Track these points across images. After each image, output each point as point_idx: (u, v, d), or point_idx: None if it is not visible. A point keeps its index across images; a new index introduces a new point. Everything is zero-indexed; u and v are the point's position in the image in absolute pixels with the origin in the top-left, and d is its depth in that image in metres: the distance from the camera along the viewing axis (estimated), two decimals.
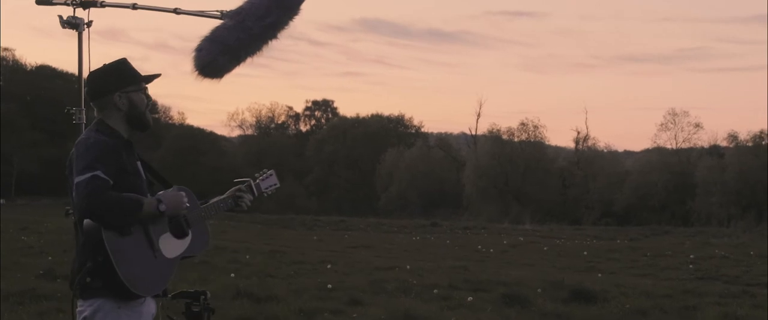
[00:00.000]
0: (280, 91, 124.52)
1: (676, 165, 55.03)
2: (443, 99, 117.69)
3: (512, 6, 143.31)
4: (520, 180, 57.61)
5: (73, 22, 5.01)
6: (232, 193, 4.37)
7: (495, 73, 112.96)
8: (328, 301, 10.24)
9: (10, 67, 56.09)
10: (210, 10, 4.08)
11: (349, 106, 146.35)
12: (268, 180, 4.60)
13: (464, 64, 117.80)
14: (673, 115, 58.02)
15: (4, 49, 58.20)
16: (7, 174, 46.73)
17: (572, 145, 61.76)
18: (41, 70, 59.46)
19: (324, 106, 78.50)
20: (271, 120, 75.40)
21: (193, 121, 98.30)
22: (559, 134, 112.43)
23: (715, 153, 55.00)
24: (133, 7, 4.35)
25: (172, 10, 4.28)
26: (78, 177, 3.58)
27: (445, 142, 68.43)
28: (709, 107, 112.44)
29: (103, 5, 4.35)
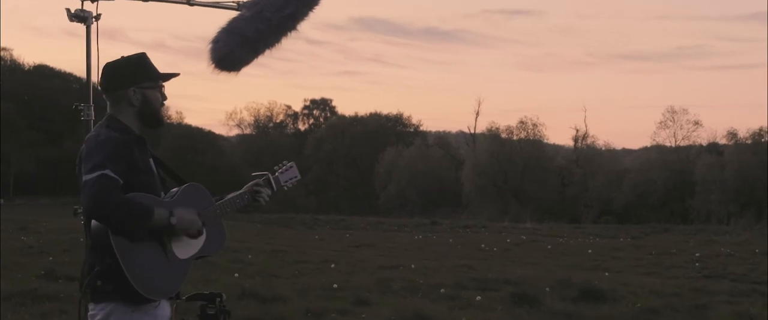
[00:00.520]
0: (278, 90, 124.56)
1: (676, 163, 54.98)
2: (441, 98, 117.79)
3: (510, 4, 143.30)
4: (519, 178, 57.52)
5: (81, 15, 4.85)
6: (249, 188, 4.15)
7: (493, 71, 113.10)
8: (334, 301, 10.10)
9: (8, 67, 55.91)
10: (226, 1, 3.92)
11: (347, 105, 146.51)
12: (288, 173, 4.32)
13: (462, 62, 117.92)
14: (672, 112, 58.07)
15: (3, 48, 58.10)
16: (5, 174, 46.53)
17: (571, 143, 61.78)
18: (39, 69, 59.32)
19: (322, 104, 78.45)
20: (270, 119, 75.42)
21: (191, 120, 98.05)
22: (558, 132, 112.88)
23: (714, 150, 54.92)
24: None
25: (185, 2, 4.13)
26: (86, 176, 3.42)
27: (443, 140, 68.33)
28: (708, 105, 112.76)
29: None
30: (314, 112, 78.30)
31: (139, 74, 3.76)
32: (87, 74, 4.94)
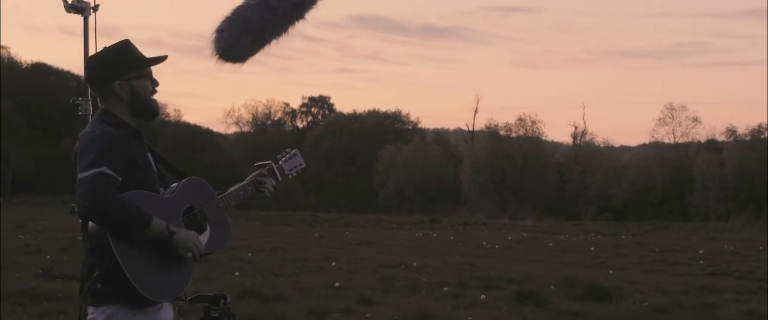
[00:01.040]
0: (276, 87, 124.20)
1: (675, 160, 54.86)
2: (439, 95, 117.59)
3: (507, 1, 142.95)
4: (518, 175, 57.33)
5: (79, 6, 4.70)
6: (252, 179, 3.98)
7: (491, 68, 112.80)
8: (337, 300, 9.96)
9: (6, 65, 55.63)
10: None
11: (345, 103, 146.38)
12: (292, 161, 4.16)
13: (460, 59, 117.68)
14: (671, 109, 57.96)
15: (0, 46, 57.84)
16: (3, 172, 46.32)
17: (570, 140, 61.60)
18: (37, 67, 59.07)
19: (320, 102, 78.20)
20: (268, 116, 75.10)
21: (189, 118, 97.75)
22: (556, 129, 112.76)
23: (713, 147, 54.82)
24: None
25: None
26: (81, 174, 3.24)
27: (442, 137, 68.14)
28: (707, 102, 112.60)
29: None
30: (312, 109, 78.03)
31: (122, 65, 3.56)
32: (85, 61, 4.77)
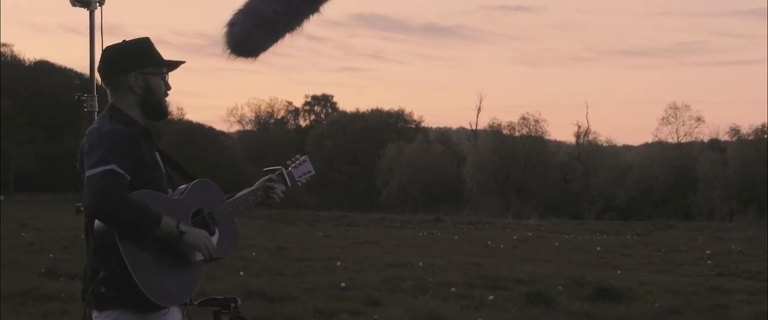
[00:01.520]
0: (278, 86, 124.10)
1: (678, 159, 54.82)
2: (441, 94, 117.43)
3: (508, 0, 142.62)
4: (521, 174, 57.27)
5: (84, 0, 4.58)
6: (262, 184, 3.87)
7: (493, 67, 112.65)
8: (344, 301, 9.83)
9: (8, 63, 55.56)
10: None
11: (348, 101, 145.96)
12: (302, 168, 4.08)
13: (462, 58, 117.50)
14: (674, 108, 57.92)
15: (3, 44, 57.78)
16: (5, 170, 46.28)
17: (572, 139, 61.51)
18: (39, 65, 59.01)
19: (323, 101, 78.13)
20: (271, 115, 75.01)
21: (191, 116, 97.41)
22: (559, 128, 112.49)
23: (716, 147, 54.71)
24: None
25: None
26: (89, 172, 3.11)
27: (445, 136, 68.07)
28: (709, 101, 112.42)
29: None
30: (315, 108, 77.94)
31: (141, 59, 3.44)
32: (90, 63, 4.65)
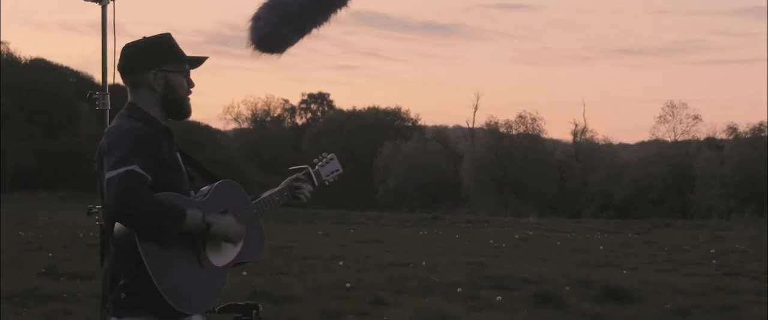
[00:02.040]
0: (275, 84, 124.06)
1: (675, 158, 54.79)
2: (439, 92, 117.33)
3: None
4: (518, 173, 57.21)
5: None
6: (288, 184, 3.72)
7: (490, 65, 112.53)
8: (349, 301, 9.71)
9: (5, 60, 55.31)
10: None
11: (345, 99, 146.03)
12: (329, 166, 3.92)
13: (459, 56, 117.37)
14: (671, 107, 57.88)
15: (0, 42, 57.51)
16: (3, 167, 46.15)
17: (569, 137, 61.46)
18: (36, 63, 58.78)
19: (320, 99, 78.02)
20: (267, 113, 74.93)
21: None
22: (557, 127, 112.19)
23: (714, 145, 54.68)
24: None
25: None
26: (110, 173, 2.95)
27: (442, 135, 67.98)
28: (707, 100, 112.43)
29: None
30: (312, 106, 77.85)
31: (161, 55, 3.29)
32: (103, 58, 4.51)
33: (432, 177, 59.71)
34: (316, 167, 3.87)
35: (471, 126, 62.94)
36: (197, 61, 3.41)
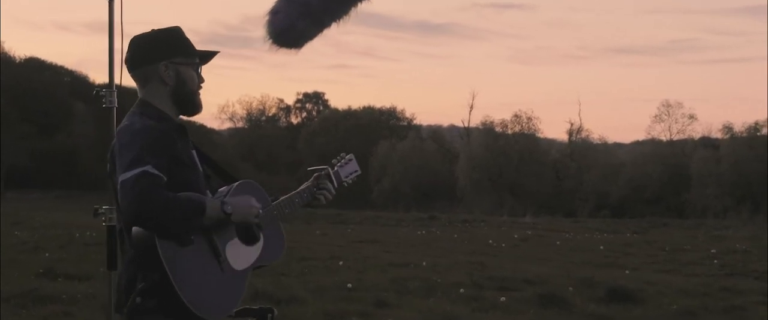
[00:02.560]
0: (270, 83, 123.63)
1: (671, 157, 54.77)
2: (434, 91, 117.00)
3: None
4: (514, 172, 57.17)
5: None
6: (310, 184, 3.63)
7: (486, 65, 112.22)
8: (352, 303, 9.60)
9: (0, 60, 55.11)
10: None
11: (340, 99, 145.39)
12: (348, 167, 3.81)
13: (455, 56, 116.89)
14: (667, 106, 57.87)
15: None
16: None
17: (565, 137, 61.43)
18: (30, 62, 58.53)
19: (315, 98, 77.83)
20: (262, 112, 74.68)
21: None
22: (552, 126, 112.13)
23: (709, 144, 54.69)
24: None
25: None
26: (124, 175, 2.85)
27: (437, 134, 67.91)
28: (702, 99, 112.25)
29: None
30: (307, 105, 77.60)
31: (170, 48, 3.19)
32: (109, 54, 4.40)
33: (427, 177, 59.64)
34: (336, 168, 3.77)
35: (466, 125, 62.87)
36: (207, 55, 3.31)
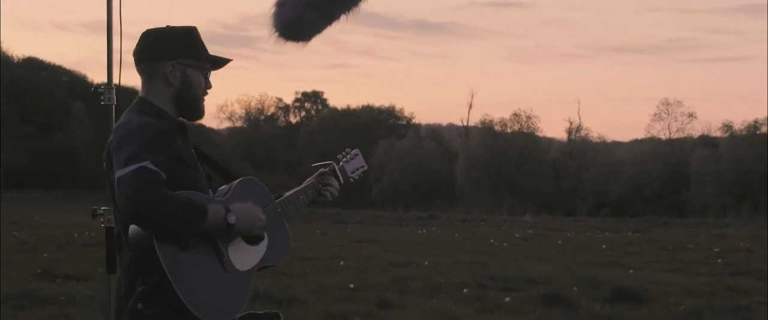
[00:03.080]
0: (269, 82, 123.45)
1: (670, 156, 54.69)
2: (432, 90, 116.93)
3: None
4: (513, 171, 57.11)
5: None
6: (315, 180, 3.50)
7: (484, 64, 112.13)
8: (354, 303, 9.48)
9: None
10: None
11: (339, 98, 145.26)
12: (354, 162, 3.68)
13: (453, 55, 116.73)
14: (666, 104, 57.80)
15: None
16: None
17: (564, 135, 61.39)
18: (28, 62, 58.39)
19: (314, 97, 77.72)
20: (261, 112, 74.60)
21: None
22: (551, 125, 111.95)
23: (709, 143, 54.61)
24: None
25: None
26: (120, 171, 2.71)
27: (436, 133, 67.84)
28: (702, 97, 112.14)
29: None
30: (306, 104, 77.50)
31: (183, 47, 3.05)
32: (108, 48, 4.27)
33: (427, 176, 59.56)
34: (341, 163, 3.64)
35: (465, 124, 62.82)
36: (220, 61, 3.19)
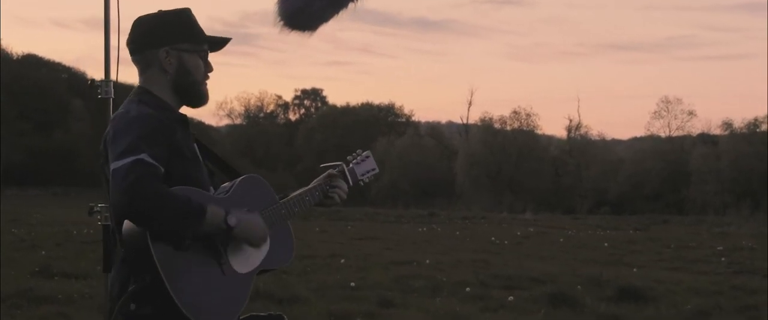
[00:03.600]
0: (268, 79, 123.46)
1: (670, 154, 54.68)
2: (432, 88, 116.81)
3: None
4: (513, 169, 57.06)
5: None
6: (322, 182, 3.35)
7: (484, 61, 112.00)
8: (356, 302, 9.32)
9: None
10: None
11: (338, 95, 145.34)
12: (365, 164, 3.55)
13: (452, 52, 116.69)
14: (666, 102, 57.78)
15: None
16: None
17: (564, 133, 61.36)
18: (27, 59, 58.27)
19: (313, 94, 77.62)
20: (260, 109, 74.50)
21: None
22: (551, 123, 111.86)
23: (708, 141, 54.56)
24: None
25: None
26: (115, 163, 2.57)
27: (436, 130, 67.78)
28: (701, 95, 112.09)
29: None
30: (305, 102, 77.40)
31: (175, 32, 2.89)
32: (105, 39, 4.12)
33: (426, 173, 59.50)
34: (351, 164, 3.51)
35: (465, 122, 62.77)
36: (218, 41, 3.02)
